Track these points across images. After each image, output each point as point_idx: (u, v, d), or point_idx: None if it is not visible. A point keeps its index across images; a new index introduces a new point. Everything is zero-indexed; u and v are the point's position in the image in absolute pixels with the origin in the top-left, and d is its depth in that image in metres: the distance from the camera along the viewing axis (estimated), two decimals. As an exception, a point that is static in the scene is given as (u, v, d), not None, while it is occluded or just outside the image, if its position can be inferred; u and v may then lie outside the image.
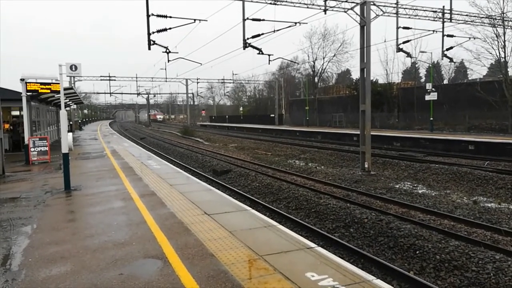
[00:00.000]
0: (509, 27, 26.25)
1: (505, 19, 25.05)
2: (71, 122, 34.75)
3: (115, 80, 51.34)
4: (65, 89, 15.14)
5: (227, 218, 6.52)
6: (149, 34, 16.48)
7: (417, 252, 7.11)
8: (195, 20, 19.86)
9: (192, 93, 69.95)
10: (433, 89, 29.72)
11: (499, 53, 30.20)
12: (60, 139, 10.18)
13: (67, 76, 9.94)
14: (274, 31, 17.75)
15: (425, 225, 8.40)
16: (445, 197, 11.61)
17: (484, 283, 5.89)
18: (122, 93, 69.12)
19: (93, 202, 7.94)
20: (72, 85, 35.82)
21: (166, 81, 52.02)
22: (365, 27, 16.81)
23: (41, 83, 15.15)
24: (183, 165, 18.74)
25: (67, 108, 32.93)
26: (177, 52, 20.57)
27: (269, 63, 23.63)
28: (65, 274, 4.37)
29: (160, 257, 4.79)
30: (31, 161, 14.53)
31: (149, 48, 16.59)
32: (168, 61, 20.87)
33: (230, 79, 58.72)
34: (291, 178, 14.48)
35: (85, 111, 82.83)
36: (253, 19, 18.72)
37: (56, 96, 18.87)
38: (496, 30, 28.57)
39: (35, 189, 9.65)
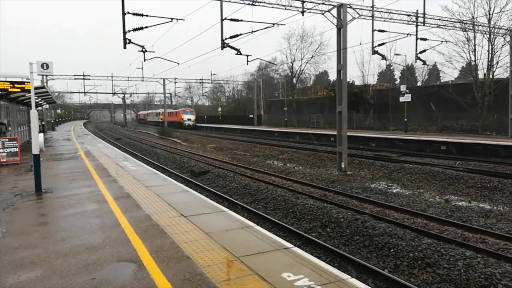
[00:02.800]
0: (479, 32, 27.29)
1: (475, 23, 25.97)
2: (43, 122, 33.61)
3: (89, 79, 50.08)
4: (36, 88, 14.65)
5: (204, 219, 6.46)
6: (124, 32, 16.15)
7: (392, 250, 7.26)
8: (172, 19, 19.60)
9: (170, 93, 69.10)
10: (407, 91, 30.49)
11: (470, 56, 31.38)
12: (31, 140, 9.83)
13: (38, 74, 9.61)
14: (252, 31, 17.76)
15: (399, 224, 8.59)
16: (419, 196, 11.92)
17: (455, 279, 6.07)
18: (97, 93, 67.45)
19: (65, 205, 7.70)
20: (45, 84, 34.69)
21: (143, 80, 51.15)
22: (341, 29, 17.08)
23: (11, 82, 14.57)
24: (160, 166, 18.47)
25: (39, 108, 31.83)
26: (154, 52, 20.28)
27: (247, 64, 23.70)
28: (34, 280, 4.22)
29: (134, 260, 4.69)
30: (0, 162, 13.96)
31: (125, 47, 16.27)
32: (145, 60, 20.51)
33: (209, 79, 58.33)
34: (270, 178, 14.52)
35: (58, 111, 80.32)
36: (231, 20, 18.67)
37: (27, 95, 18.21)
38: (467, 34, 29.67)
39: (4, 191, 9.27)
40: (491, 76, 30.38)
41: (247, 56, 22.62)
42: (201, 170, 16.39)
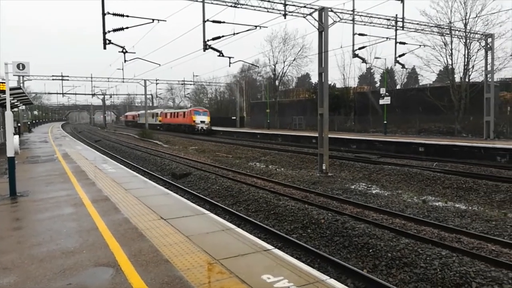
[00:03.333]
0: (456, 36, 28.12)
1: (452, 28, 26.75)
2: (19, 124, 32.63)
3: (68, 80, 48.93)
4: (12, 89, 14.22)
5: (184, 222, 6.41)
6: (104, 33, 15.89)
7: (370, 250, 7.39)
8: (153, 20, 19.43)
9: (151, 94, 68.25)
10: (386, 93, 31.10)
11: (447, 60, 32.24)
12: (6, 142, 9.53)
13: (14, 75, 9.34)
14: (234, 33, 17.76)
15: (378, 224, 8.74)
16: (397, 197, 12.17)
17: (432, 278, 6.22)
18: (75, 94, 66.07)
19: (41, 208, 7.50)
20: (21, 84, 33.69)
21: (123, 81, 50.35)
22: (323, 32, 17.30)
23: (-15, 82, 14.10)
24: (141, 168, 18.22)
25: (15, 109, 30.91)
26: (135, 52, 19.99)
27: (229, 66, 23.56)
28: (8, 287, 4.09)
29: (112, 265, 4.61)
30: (-28, 165, 13.48)
31: (105, 48, 16.00)
32: (125, 61, 20.24)
33: (191, 81, 58.00)
34: (252, 180, 14.54)
35: (36, 112, 78.16)
36: (214, 21, 18.63)
37: (2, 96, 17.66)
38: (444, 38, 30.49)
39: (-25, 195, 8.95)
40: (467, 80, 31.33)
41: (230, 58, 22.58)
42: (182, 173, 16.26)
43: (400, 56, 24.54)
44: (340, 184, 14.27)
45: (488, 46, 25.32)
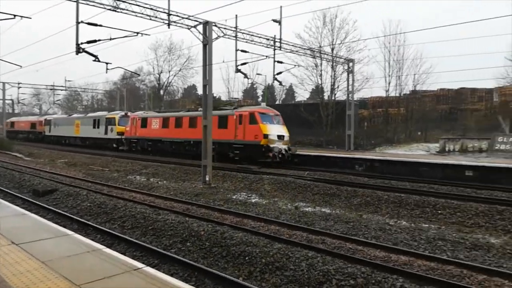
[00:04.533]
0: (325, 59, 31.70)
1: (321, 52, 30.11)
2: None
3: None
4: None
5: (42, 246, 5.63)
6: None
7: (247, 258, 7.63)
8: (14, 16, 17.05)
9: (12, 100, 59.11)
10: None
11: (318, 80, 36.14)
12: None
13: None
14: (110, 38, 16.73)
15: (255, 232, 9.13)
16: (274, 205, 12.95)
17: (299, 279, 6.73)
18: None
19: None
20: None
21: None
22: (207, 45, 17.59)
23: None
24: (-7, 185, 15.46)
25: None
26: (-13, 50, 17.08)
27: (106, 72, 21.99)
28: None
29: None
30: None
31: None
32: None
33: (63, 86, 52.21)
34: (129, 195, 13.70)
35: None
36: (89, 23, 17.27)
37: None
38: (315, 60, 34.15)
39: None
40: (333, 98, 35.59)
41: (107, 63, 21.12)
42: (46, 189, 14.35)
43: (278, 74, 26.45)
44: (222, 194, 14.51)
45: (350, 69, 29.24)
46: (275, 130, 21.78)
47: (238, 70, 24.10)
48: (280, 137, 21.75)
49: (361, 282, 6.38)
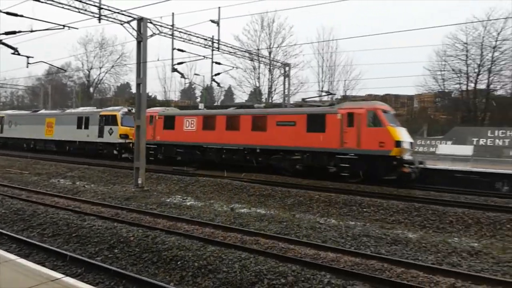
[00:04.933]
0: (263, 62, 32.32)
1: (259, 55, 30.61)
2: None
3: None
4: None
5: None
6: None
7: (179, 262, 7.44)
8: None
9: None
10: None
11: (256, 82, 36.74)
12: None
13: None
14: (32, 30, 15.39)
15: (189, 235, 8.95)
16: (209, 207, 12.82)
17: (232, 281, 6.71)
18: None
19: None
20: None
21: None
22: (141, 43, 16.93)
23: None
24: None
25: None
26: None
27: (27, 66, 20.14)
28: None
29: None
30: None
31: None
32: None
33: (-25, 80, 46.80)
34: (52, 200, 12.67)
35: None
36: (8, 13, 15.72)
37: None
38: (253, 63, 34.72)
39: None
40: (271, 101, 36.42)
41: (28, 57, 19.35)
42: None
43: (216, 75, 26.29)
44: (155, 198, 14.03)
45: (286, 73, 30.08)
46: (405, 135, 16.32)
47: (174, 70, 23.54)
48: (411, 145, 16.66)
49: (291, 280, 6.55)
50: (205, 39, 22.53)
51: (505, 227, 10.40)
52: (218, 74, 26.70)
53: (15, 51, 17.98)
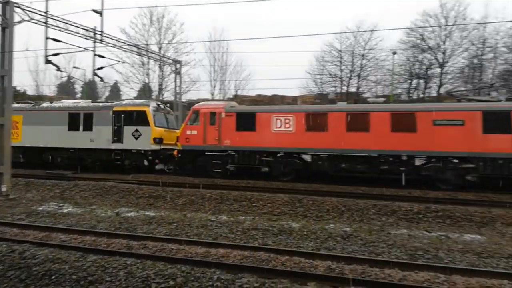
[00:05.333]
0: (152, 58, 30.92)
1: (148, 50, 29.22)
2: None
3: None
4: None
5: None
6: None
7: (53, 277, 6.64)
8: None
9: None
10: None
11: (145, 78, 35.01)
12: None
13: None
14: None
15: (65, 246, 8.05)
16: (91, 213, 11.77)
17: (116, 290, 6.27)
18: None
19: None
20: None
21: None
22: (7, 29, 14.78)
23: None
24: None
25: None
26: None
27: None
28: None
29: None
30: None
31: None
32: None
33: None
34: None
35: None
36: None
37: None
38: (142, 58, 32.96)
39: None
40: (161, 98, 35.17)
41: None
42: None
43: (99, 69, 24.33)
44: (24, 207, 12.34)
45: (177, 70, 29.38)
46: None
47: (49, 61, 20.98)
48: None
49: (181, 281, 6.41)
50: (86, 30, 20.59)
51: (370, 212, 12.00)
52: (101, 68, 24.79)
53: None
